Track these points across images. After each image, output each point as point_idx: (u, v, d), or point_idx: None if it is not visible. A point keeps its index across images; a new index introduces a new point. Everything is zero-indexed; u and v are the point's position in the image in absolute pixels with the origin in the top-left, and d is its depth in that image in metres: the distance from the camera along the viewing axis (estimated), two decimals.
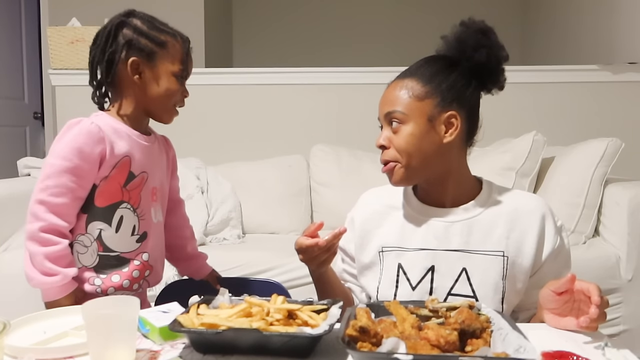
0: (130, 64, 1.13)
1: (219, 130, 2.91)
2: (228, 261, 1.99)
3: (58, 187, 1.07)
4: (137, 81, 1.14)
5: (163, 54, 1.15)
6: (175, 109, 1.20)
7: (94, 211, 1.12)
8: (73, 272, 1.09)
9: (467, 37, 1.04)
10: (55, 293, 1.07)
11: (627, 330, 1.93)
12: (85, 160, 1.08)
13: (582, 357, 0.75)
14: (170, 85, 1.16)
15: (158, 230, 1.22)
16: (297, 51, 4.41)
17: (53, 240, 1.07)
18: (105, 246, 1.13)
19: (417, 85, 1.04)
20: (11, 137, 3.72)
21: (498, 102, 3.18)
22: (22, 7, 3.81)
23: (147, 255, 1.18)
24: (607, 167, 2.05)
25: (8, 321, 0.77)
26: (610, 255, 1.95)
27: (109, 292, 1.14)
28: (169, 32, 1.17)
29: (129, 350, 0.78)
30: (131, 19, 1.16)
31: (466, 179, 1.10)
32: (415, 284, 1.06)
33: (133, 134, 1.16)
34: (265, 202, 2.54)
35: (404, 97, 1.04)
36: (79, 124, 1.11)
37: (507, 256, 1.04)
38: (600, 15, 3.06)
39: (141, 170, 1.16)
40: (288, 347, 0.79)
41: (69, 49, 2.79)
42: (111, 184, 1.13)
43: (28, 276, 1.08)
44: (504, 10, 4.35)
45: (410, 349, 0.71)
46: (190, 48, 1.20)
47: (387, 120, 1.06)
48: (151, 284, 1.23)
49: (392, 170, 1.06)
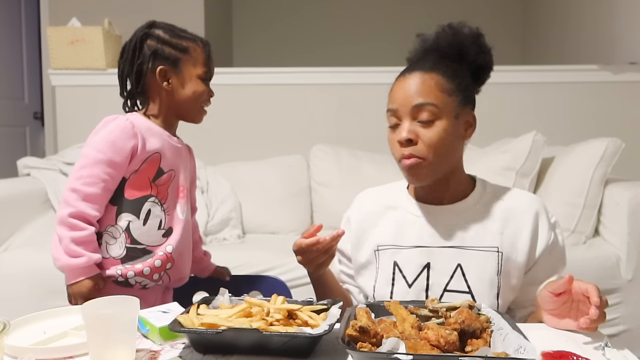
0: (159, 72, 1.21)
1: (219, 130, 2.91)
2: (228, 261, 1.97)
3: (91, 177, 1.14)
4: (167, 87, 1.22)
5: (187, 59, 1.22)
6: (204, 108, 1.27)
7: (123, 203, 1.18)
8: (97, 257, 1.15)
9: (469, 42, 1.05)
10: (79, 274, 1.13)
11: (627, 330, 1.93)
12: (118, 153, 1.16)
13: (582, 357, 0.75)
14: (197, 88, 1.23)
15: (184, 227, 1.26)
16: (297, 51, 4.41)
17: (80, 225, 1.13)
18: (132, 238, 1.18)
19: (443, 80, 1.02)
20: (11, 137, 3.72)
21: (498, 102, 3.20)
22: (22, 7, 3.81)
23: (172, 248, 1.22)
24: (607, 167, 2.05)
25: (8, 321, 0.77)
26: (610, 255, 1.95)
27: (129, 275, 1.18)
28: (189, 38, 1.24)
29: (129, 350, 0.78)
30: (153, 29, 1.23)
31: (464, 177, 1.11)
32: (411, 282, 1.06)
33: (164, 134, 1.23)
34: (265, 202, 2.54)
35: (435, 90, 1.01)
36: (115, 120, 1.19)
37: (502, 252, 1.04)
38: (600, 15, 3.06)
39: (170, 168, 1.23)
40: (288, 347, 0.79)
41: (69, 49, 2.79)
42: (141, 177, 1.19)
43: (54, 257, 1.14)
44: (504, 10, 4.35)
45: (410, 349, 0.71)
46: (210, 50, 1.27)
47: (414, 113, 1.00)
48: (172, 279, 1.25)
49: (416, 166, 1.01)
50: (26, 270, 1.98)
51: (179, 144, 1.28)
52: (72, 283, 1.13)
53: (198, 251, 1.40)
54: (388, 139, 1.06)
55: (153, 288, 1.23)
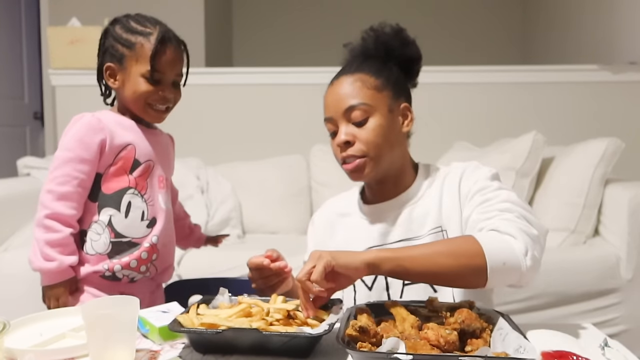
0: (105, 69, 1.20)
1: (219, 130, 2.91)
2: (228, 261, 1.99)
3: (63, 176, 1.14)
4: (113, 85, 1.21)
5: (131, 56, 1.17)
6: (156, 108, 1.20)
7: (103, 198, 1.18)
8: (70, 260, 1.14)
9: (392, 38, 1.07)
10: (51, 278, 1.14)
11: (627, 330, 1.93)
12: (86, 150, 1.15)
13: (582, 357, 0.74)
14: (137, 87, 1.17)
15: (167, 216, 1.26)
16: (297, 51, 4.41)
17: (55, 227, 1.13)
18: (116, 232, 1.18)
19: (370, 78, 1.04)
20: (11, 137, 3.72)
21: (498, 102, 3.19)
22: (22, 7, 3.81)
23: (157, 239, 1.22)
24: (607, 167, 2.05)
25: (8, 321, 0.77)
26: (610, 255, 1.95)
27: (115, 269, 1.18)
28: (141, 33, 1.17)
29: (128, 350, 0.78)
30: (113, 25, 1.21)
31: (409, 169, 1.11)
32: (370, 284, 1.06)
33: (137, 126, 1.22)
34: (265, 202, 2.54)
35: (363, 90, 1.03)
36: (82, 118, 1.19)
37: (445, 229, 1.03)
38: (600, 15, 3.06)
39: (147, 159, 1.22)
40: (288, 347, 0.79)
41: (69, 49, 2.79)
42: (117, 171, 1.19)
43: (29, 259, 1.15)
44: (504, 10, 4.35)
45: (410, 349, 0.71)
46: (168, 48, 1.17)
47: (347, 116, 1.03)
48: (158, 270, 1.25)
49: (360, 166, 1.02)
50: (26, 270, 1.94)
51: (156, 134, 1.27)
52: (46, 285, 1.15)
53: (187, 224, 1.43)
54: (331, 146, 1.09)
55: (141, 282, 1.22)
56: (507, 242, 0.87)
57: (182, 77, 1.23)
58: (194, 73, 1.25)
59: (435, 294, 1.02)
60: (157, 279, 1.29)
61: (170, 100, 1.21)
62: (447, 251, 0.88)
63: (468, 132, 2.65)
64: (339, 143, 1.03)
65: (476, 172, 1.04)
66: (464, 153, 2.45)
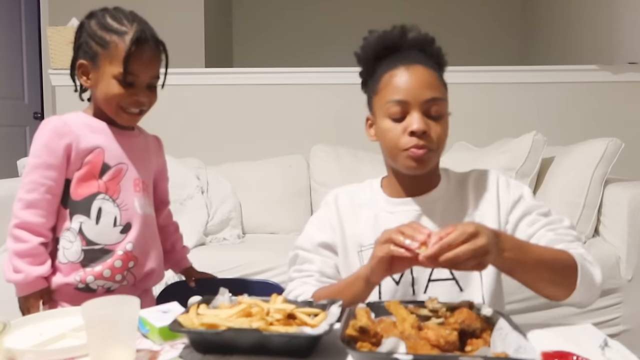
0: (77, 66, 1.16)
1: (219, 130, 2.91)
2: (228, 261, 1.99)
3: (31, 183, 1.12)
4: (85, 83, 1.16)
5: (104, 56, 1.12)
6: (128, 112, 1.15)
7: (73, 204, 1.15)
8: (38, 271, 1.11)
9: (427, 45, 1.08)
10: (21, 289, 1.12)
11: (627, 330, 1.93)
12: (52, 155, 1.12)
13: (582, 357, 0.74)
14: (108, 90, 1.12)
15: (145, 221, 1.20)
16: (297, 51, 4.41)
17: (23, 237, 1.11)
18: (88, 240, 1.14)
19: (441, 77, 1.06)
20: (11, 137, 3.72)
21: (498, 102, 3.19)
22: (22, 7, 3.81)
23: (132, 246, 1.17)
24: (607, 167, 2.05)
25: (8, 321, 0.76)
26: (610, 255, 1.95)
27: (88, 280, 1.14)
28: (116, 31, 1.11)
29: (129, 350, 0.78)
30: (89, 19, 1.16)
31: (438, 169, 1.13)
32: (398, 278, 1.06)
33: (109, 128, 1.18)
34: (265, 202, 2.54)
35: (440, 86, 1.05)
36: (48, 123, 1.15)
37: None
38: (600, 15, 3.06)
39: (118, 162, 1.17)
40: (288, 347, 0.79)
41: (69, 49, 2.76)
42: (85, 175, 1.14)
43: (3, 271, 1.12)
44: (504, 10, 4.35)
45: (410, 349, 0.71)
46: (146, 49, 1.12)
47: (426, 107, 1.01)
48: (138, 277, 1.20)
49: (428, 157, 1.02)
50: None
51: (131, 135, 1.21)
52: (19, 297, 1.13)
53: (171, 242, 1.36)
54: (385, 128, 1.04)
55: (121, 290, 1.16)
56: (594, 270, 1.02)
57: (158, 79, 1.17)
58: (194, 73, 1.24)
59: (462, 292, 1.03)
60: (141, 286, 1.23)
61: (144, 104, 1.16)
62: (554, 259, 0.96)
63: (468, 132, 2.65)
64: (417, 129, 1.00)
65: (518, 188, 1.09)
66: (464, 153, 2.45)
